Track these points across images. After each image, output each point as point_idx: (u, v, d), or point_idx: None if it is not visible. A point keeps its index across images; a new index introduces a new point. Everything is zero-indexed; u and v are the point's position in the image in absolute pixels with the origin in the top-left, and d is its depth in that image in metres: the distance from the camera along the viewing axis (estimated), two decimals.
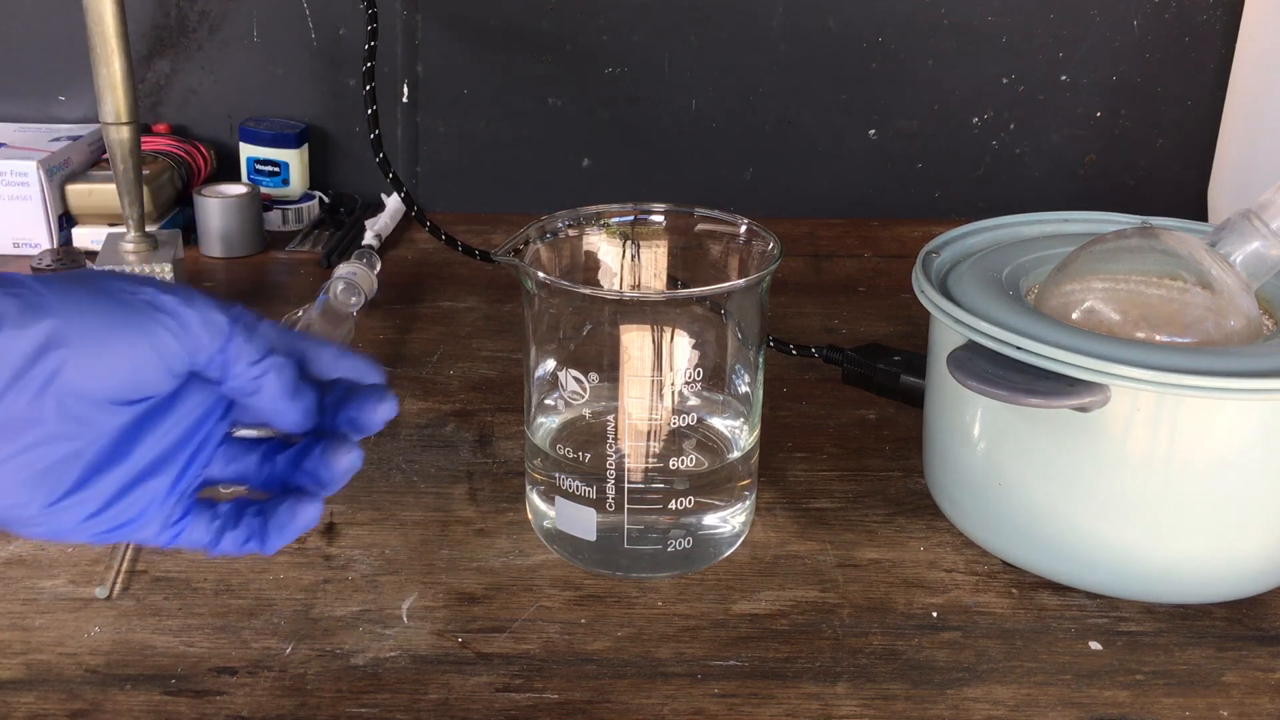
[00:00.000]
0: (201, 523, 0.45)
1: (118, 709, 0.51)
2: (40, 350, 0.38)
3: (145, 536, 0.43)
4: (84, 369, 0.39)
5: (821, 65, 1.10)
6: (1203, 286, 0.57)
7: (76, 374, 0.39)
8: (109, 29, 0.83)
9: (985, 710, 0.52)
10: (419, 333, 0.88)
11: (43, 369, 0.38)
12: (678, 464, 0.57)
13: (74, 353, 0.38)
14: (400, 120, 1.12)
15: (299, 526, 0.45)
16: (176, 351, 0.40)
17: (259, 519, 0.45)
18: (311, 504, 0.45)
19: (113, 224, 1.01)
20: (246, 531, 0.45)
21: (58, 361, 0.38)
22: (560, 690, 0.52)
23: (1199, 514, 0.55)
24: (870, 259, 1.04)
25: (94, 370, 0.39)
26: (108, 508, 0.41)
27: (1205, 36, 1.09)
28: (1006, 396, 0.53)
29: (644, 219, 0.63)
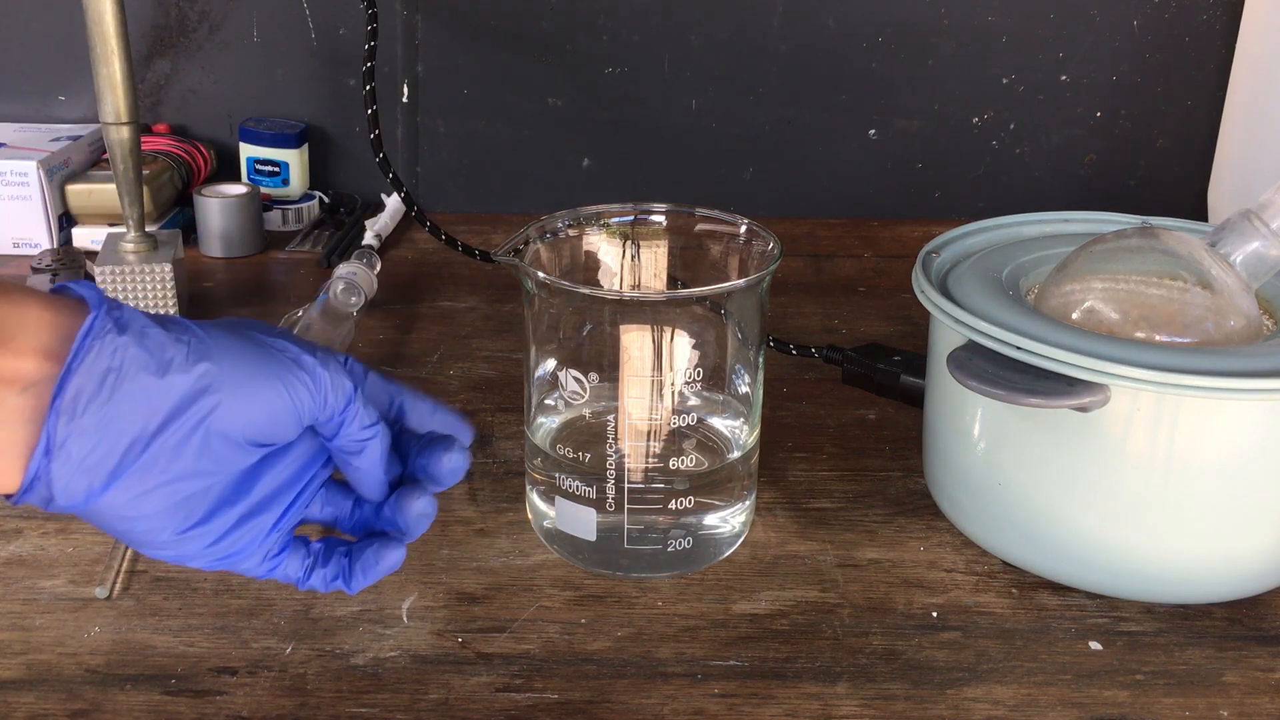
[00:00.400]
0: (296, 559, 0.48)
1: (118, 709, 0.51)
2: (199, 393, 0.42)
3: (247, 567, 0.47)
4: (232, 413, 0.43)
5: (821, 65, 1.10)
6: (1203, 286, 0.57)
7: (225, 417, 0.43)
8: (109, 29, 0.83)
9: (985, 710, 0.52)
10: (419, 333, 0.88)
11: (198, 411, 0.42)
12: (678, 464, 0.57)
13: (226, 397, 0.43)
14: (400, 120, 1.12)
15: (383, 569, 0.49)
16: (309, 406, 0.45)
17: (347, 559, 0.49)
18: (395, 548, 0.49)
19: (113, 224, 1.01)
20: (335, 570, 0.49)
21: (212, 404, 0.42)
22: (560, 690, 0.52)
23: (1199, 514, 0.55)
24: (870, 259, 1.04)
25: (240, 415, 0.43)
26: (223, 539, 0.45)
27: (1205, 36, 1.09)
28: (1006, 396, 0.53)
29: (644, 219, 0.63)
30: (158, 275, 0.86)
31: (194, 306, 0.91)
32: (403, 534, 0.49)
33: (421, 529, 0.49)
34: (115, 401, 0.41)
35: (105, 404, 0.40)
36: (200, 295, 0.94)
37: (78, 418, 0.40)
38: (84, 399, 0.40)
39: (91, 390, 0.40)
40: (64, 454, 0.40)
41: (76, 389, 0.40)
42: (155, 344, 0.42)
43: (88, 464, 0.41)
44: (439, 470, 0.48)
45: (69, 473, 0.41)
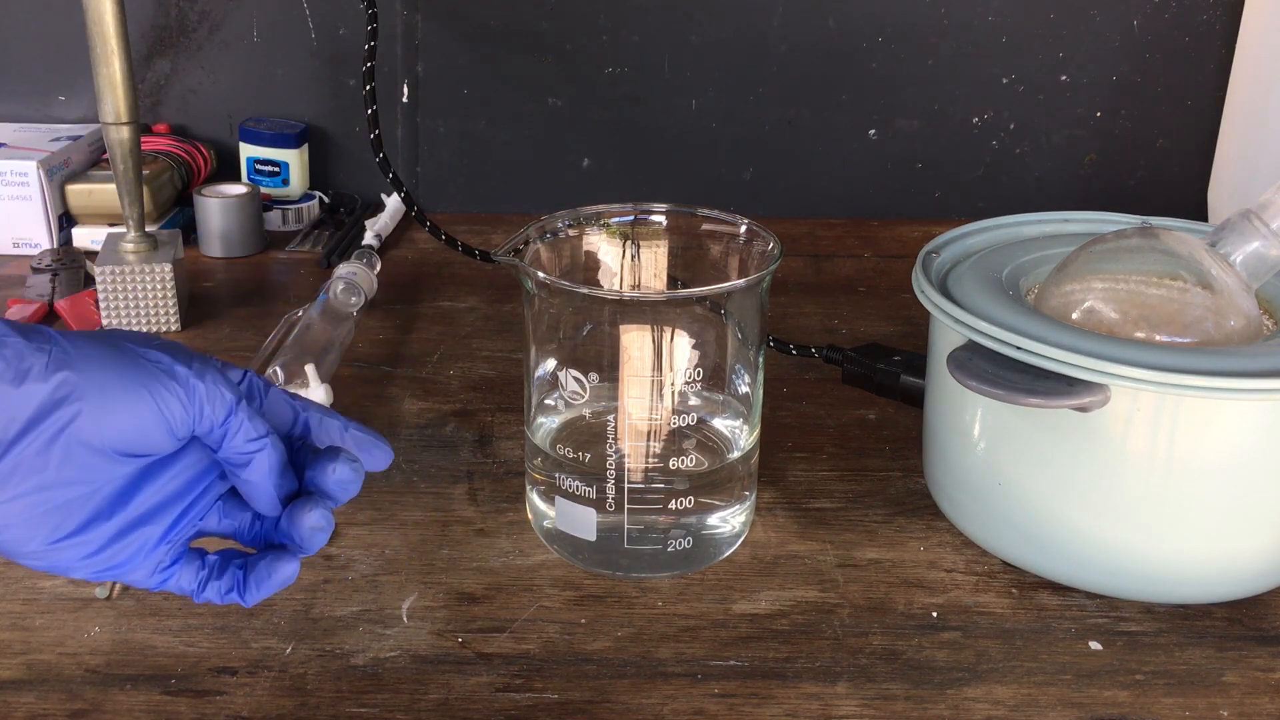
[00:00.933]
0: (189, 571, 0.47)
1: (118, 709, 0.51)
2: (56, 403, 0.42)
3: (136, 579, 0.46)
4: (93, 423, 0.42)
5: (821, 65, 1.10)
6: (1203, 286, 0.57)
7: (86, 427, 0.42)
8: (109, 29, 0.83)
9: (985, 710, 0.52)
10: (419, 333, 0.88)
11: (56, 420, 0.42)
12: (678, 464, 0.57)
13: (87, 407, 0.42)
14: (400, 120, 1.12)
15: (276, 582, 0.48)
16: (181, 418, 0.44)
17: (241, 572, 0.48)
18: (289, 561, 0.48)
19: (113, 224, 1.01)
20: (230, 582, 0.48)
21: (71, 414, 0.42)
22: (560, 690, 0.52)
23: (1199, 514, 0.55)
24: (870, 259, 1.04)
25: (103, 425, 0.42)
26: (103, 550, 0.44)
27: (1205, 36, 1.09)
28: (1006, 396, 0.53)
29: (644, 219, 0.63)
30: (158, 275, 0.87)
31: (194, 306, 0.91)
32: (298, 547, 0.48)
33: (316, 542, 0.48)
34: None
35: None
36: (200, 295, 0.94)
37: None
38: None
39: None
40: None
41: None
42: (13, 353, 0.41)
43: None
44: (325, 482, 0.47)
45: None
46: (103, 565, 0.45)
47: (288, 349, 0.76)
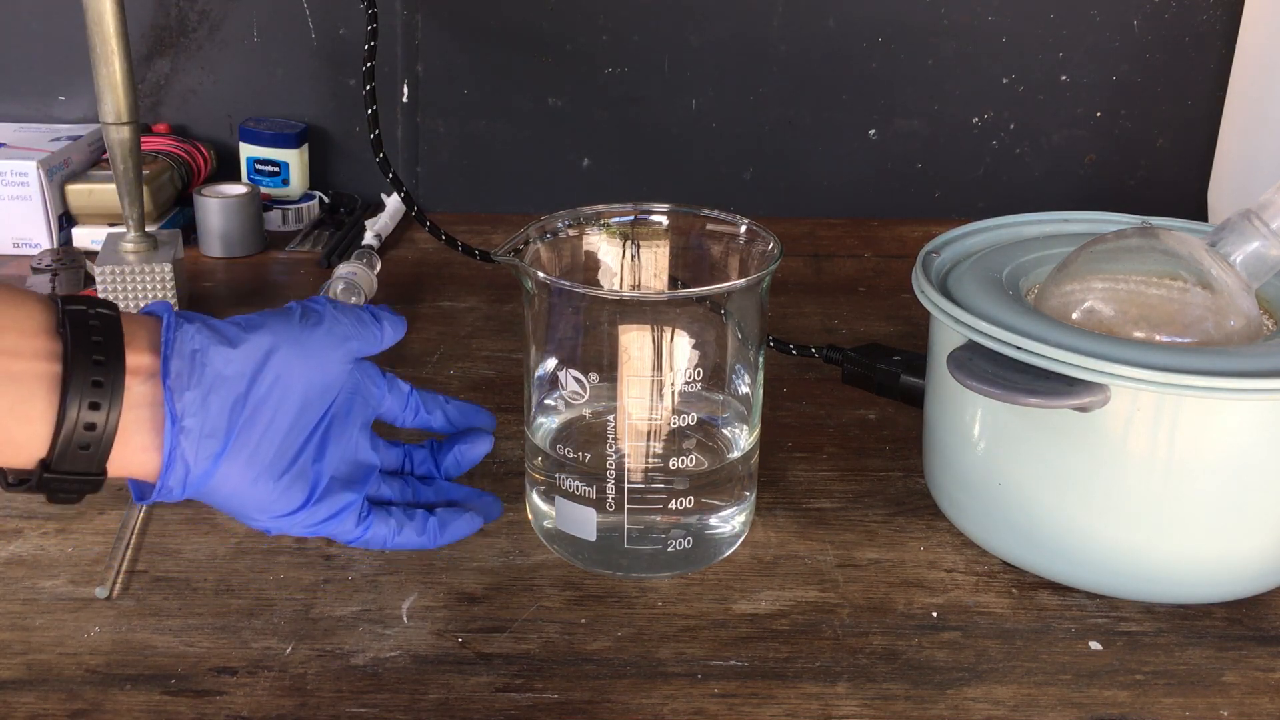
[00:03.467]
0: (381, 520, 0.54)
1: (118, 709, 0.51)
2: (268, 354, 0.50)
3: (344, 531, 0.53)
4: (300, 363, 0.50)
5: (821, 65, 1.10)
6: (1203, 286, 0.57)
7: (294, 368, 0.50)
8: (109, 29, 0.83)
9: (985, 710, 0.52)
10: (419, 333, 0.88)
11: (272, 368, 0.50)
12: (678, 464, 0.57)
13: (291, 351, 0.50)
14: (400, 120, 1.12)
15: (461, 528, 0.57)
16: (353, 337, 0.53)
17: (430, 518, 0.56)
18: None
19: (113, 224, 1.01)
20: (421, 526, 0.56)
21: (282, 360, 0.50)
22: (560, 690, 0.52)
23: (1199, 514, 0.55)
24: (870, 259, 1.04)
25: (307, 362, 0.51)
26: (320, 502, 0.52)
27: (1205, 36, 1.09)
28: (1006, 396, 0.53)
29: (644, 219, 0.63)
30: (158, 275, 0.86)
31: (194, 306, 0.91)
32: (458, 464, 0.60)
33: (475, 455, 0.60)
34: (207, 375, 0.48)
35: (200, 377, 0.48)
36: (200, 295, 0.94)
37: (183, 392, 0.47)
38: (184, 376, 0.48)
39: (187, 369, 0.48)
40: (184, 426, 0.47)
41: (176, 370, 0.48)
42: (219, 326, 0.50)
43: (205, 430, 0.48)
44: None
45: (194, 442, 0.48)
46: (322, 516, 0.52)
47: None
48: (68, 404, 0.45)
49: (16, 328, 0.45)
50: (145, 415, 0.47)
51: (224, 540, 0.62)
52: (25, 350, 0.45)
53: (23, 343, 0.45)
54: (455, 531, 0.56)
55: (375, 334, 0.54)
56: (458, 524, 0.57)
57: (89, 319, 0.47)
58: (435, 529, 0.56)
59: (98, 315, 0.47)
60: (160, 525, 0.63)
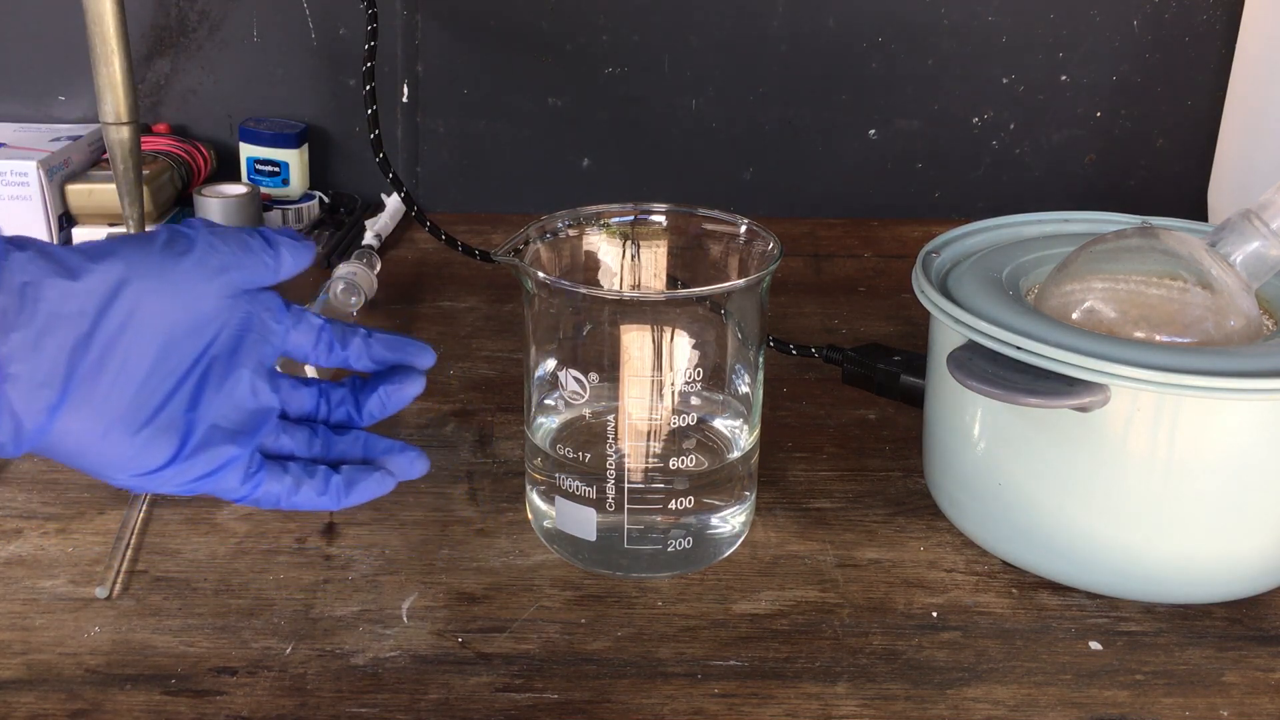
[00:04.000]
0: (275, 477, 0.48)
1: (118, 709, 0.51)
2: (117, 287, 0.42)
3: (228, 488, 0.47)
4: (157, 299, 0.43)
5: (821, 65, 1.10)
6: (1203, 286, 0.57)
7: (151, 305, 0.43)
8: (109, 29, 0.83)
9: (985, 710, 0.52)
10: (419, 333, 0.88)
11: (123, 304, 0.42)
12: (678, 464, 0.57)
13: (147, 284, 0.43)
14: (400, 120, 1.12)
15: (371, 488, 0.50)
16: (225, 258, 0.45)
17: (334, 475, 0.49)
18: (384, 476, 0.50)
19: (113, 224, 1.01)
20: (322, 485, 0.49)
21: (135, 295, 0.43)
22: (560, 690, 0.52)
23: (1199, 514, 0.55)
24: (870, 259, 1.04)
25: (164, 299, 0.43)
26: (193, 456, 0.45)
27: (1205, 36, 1.09)
28: (1006, 396, 0.53)
29: (644, 219, 0.63)
30: None
31: None
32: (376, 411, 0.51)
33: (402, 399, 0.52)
34: (40, 312, 0.41)
35: (32, 316, 0.41)
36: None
37: (9, 334, 0.41)
38: (10, 314, 0.41)
39: (14, 306, 0.41)
40: (12, 376, 0.41)
41: (1, 307, 0.41)
42: (59, 254, 0.42)
43: (37, 379, 0.41)
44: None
45: (24, 392, 0.41)
46: (197, 473, 0.45)
47: None
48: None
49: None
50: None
51: (224, 540, 0.62)
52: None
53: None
54: (363, 492, 0.50)
55: (266, 263, 0.47)
56: (366, 483, 0.50)
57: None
58: (340, 488, 0.49)
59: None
60: (160, 525, 0.63)
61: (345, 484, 0.49)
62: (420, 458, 0.52)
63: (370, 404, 0.51)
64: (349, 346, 0.49)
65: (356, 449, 0.51)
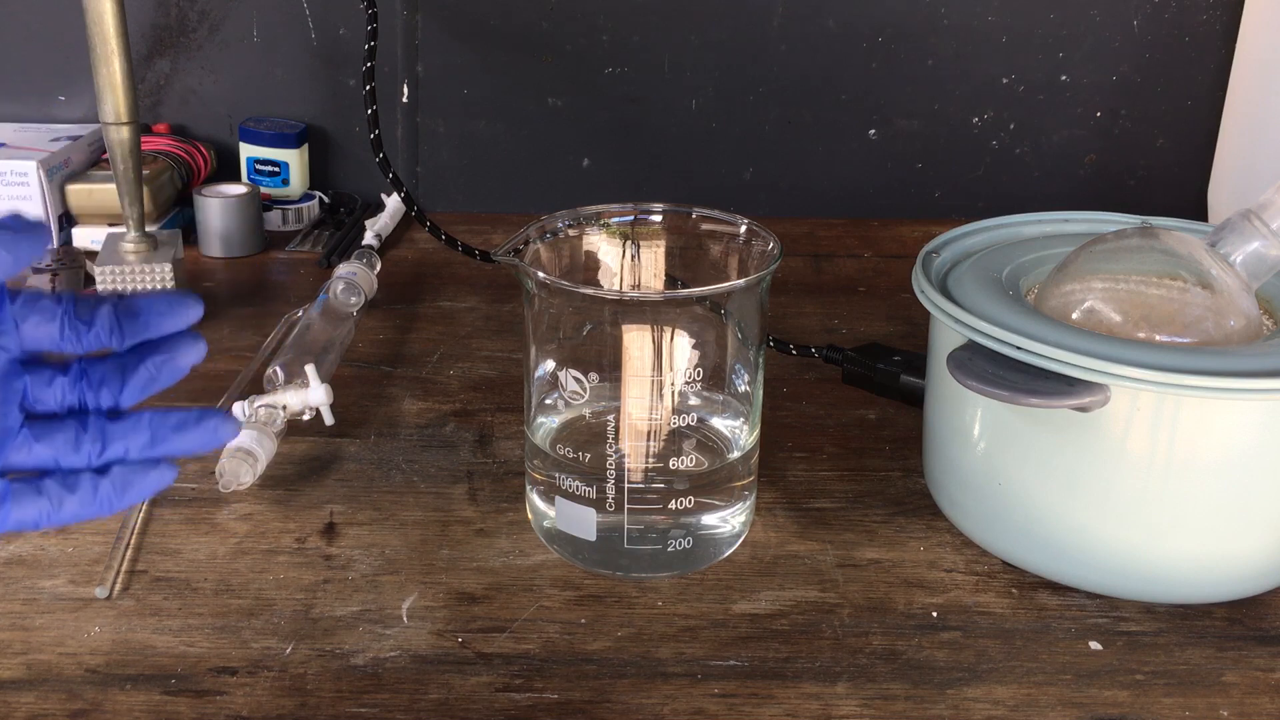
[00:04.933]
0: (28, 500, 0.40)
1: (118, 709, 0.51)
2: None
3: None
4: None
5: (821, 65, 1.10)
6: (1203, 286, 0.57)
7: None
8: (109, 29, 0.83)
9: (985, 710, 0.52)
10: (419, 333, 0.88)
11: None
12: (678, 464, 0.57)
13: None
14: (400, 120, 1.12)
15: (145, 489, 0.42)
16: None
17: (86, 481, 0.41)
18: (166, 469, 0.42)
19: (113, 224, 1.01)
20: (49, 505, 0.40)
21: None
22: (560, 690, 0.52)
23: (1199, 514, 0.55)
24: (870, 259, 1.04)
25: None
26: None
27: (1205, 36, 1.09)
28: (1006, 396, 0.53)
29: (644, 219, 0.63)
30: (158, 275, 0.86)
31: None
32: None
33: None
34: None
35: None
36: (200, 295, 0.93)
37: None
38: None
39: None
40: None
41: None
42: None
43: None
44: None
45: None
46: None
47: (288, 349, 0.76)
48: None
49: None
50: None
51: (224, 540, 0.62)
52: None
53: None
54: (141, 491, 0.42)
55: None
56: (143, 482, 0.41)
57: None
58: (110, 494, 0.41)
59: None
60: (160, 525, 0.63)
61: (118, 488, 0.41)
62: (224, 422, 0.43)
63: (135, 380, 0.41)
64: (97, 321, 0.40)
65: (140, 433, 0.41)
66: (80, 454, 0.41)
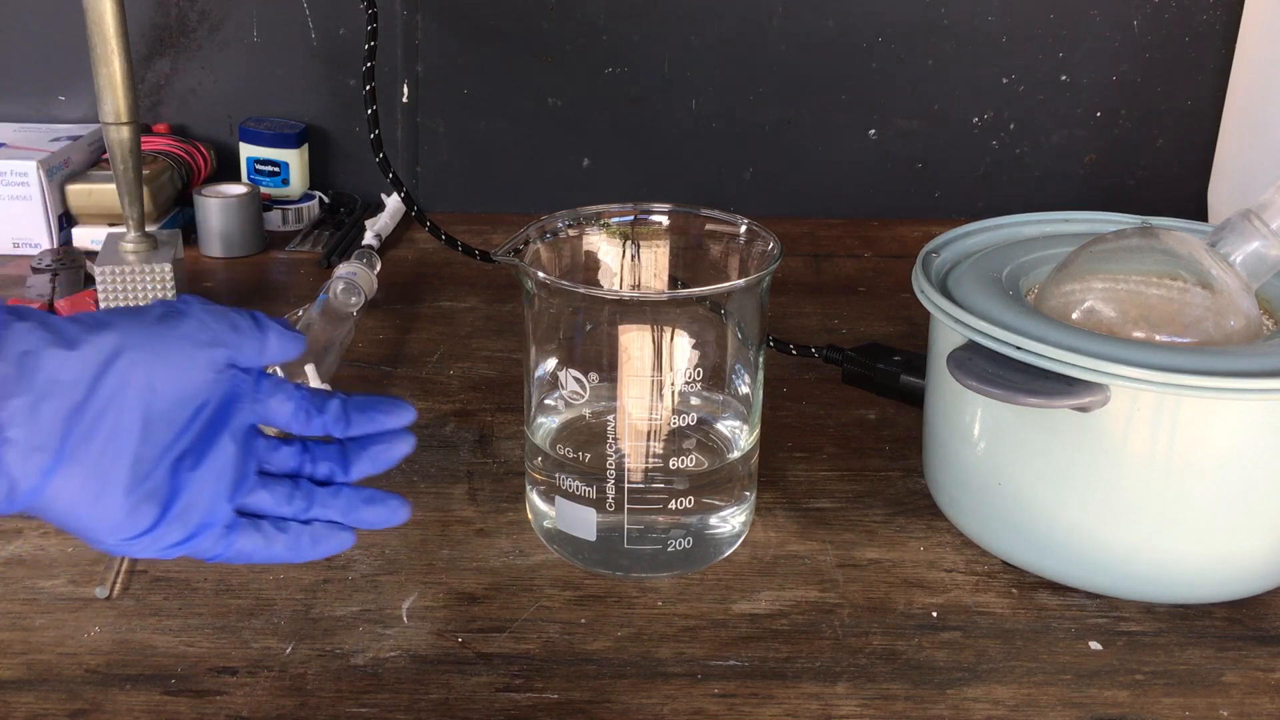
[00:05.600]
0: (249, 535, 0.48)
1: (118, 709, 0.51)
2: (112, 356, 0.44)
3: (204, 548, 0.47)
4: (147, 370, 0.45)
5: (821, 65, 1.10)
6: (1203, 286, 0.57)
7: (141, 375, 0.44)
8: (109, 29, 0.83)
9: (985, 710, 0.52)
10: (419, 333, 0.88)
11: (117, 374, 0.44)
12: (678, 464, 0.57)
13: (141, 354, 0.44)
14: (400, 120, 1.12)
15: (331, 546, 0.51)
16: (217, 337, 0.47)
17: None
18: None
19: (113, 224, 1.01)
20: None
21: (128, 364, 0.44)
22: (560, 690, 0.52)
23: (1199, 514, 0.55)
24: (870, 259, 1.04)
25: (155, 369, 0.45)
26: (174, 521, 0.46)
27: (1205, 36, 1.09)
28: (1006, 396, 0.53)
29: (644, 219, 0.63)
30: (158, 275, 0.86)
31: None
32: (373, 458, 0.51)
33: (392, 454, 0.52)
34: (39, 381, 0.43)
35: (30, 384, 0.43)
36: (200, 295, 0.93)
37: (8, 400, 0.42)
38: (10, 381, 0.42)
39: (13, 374, 0.42)
40: (9, 440, 0.42)
41: (1, 374, 0.42)
42: (58, 325, 0.44)
43: (34, 442, 0.43)
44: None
45: (19, 455, 0.43)
46: (174, 539, 0.46)
47: None
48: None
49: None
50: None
51: None
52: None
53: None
54: (326, 549, 0.51)
55: (254, 344, 0.48)
56: (329, 541, 0.51)
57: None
58: (308, 544, 0.50)
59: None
60: None
61: (314, 540, 0.50)
62: (402, 506, 0.52)
63: (359, 463, 0.52)
64: (326, 412, 0.50)
65: (339, 500, 0.51)
66: (291, 507, 0.50)
